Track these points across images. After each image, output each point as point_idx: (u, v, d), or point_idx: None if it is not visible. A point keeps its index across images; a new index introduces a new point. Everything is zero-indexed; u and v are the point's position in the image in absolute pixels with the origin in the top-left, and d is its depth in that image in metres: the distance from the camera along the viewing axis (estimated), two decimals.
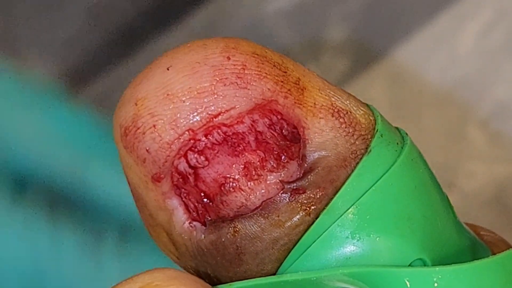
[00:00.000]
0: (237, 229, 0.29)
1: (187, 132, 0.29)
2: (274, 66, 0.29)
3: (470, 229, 0.33)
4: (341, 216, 0.28)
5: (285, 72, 0.30)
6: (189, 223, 0.30)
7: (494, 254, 0.33)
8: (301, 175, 0.29)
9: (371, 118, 0.30)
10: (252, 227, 0.29)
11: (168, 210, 0.30)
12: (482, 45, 0.77)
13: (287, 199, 0.29)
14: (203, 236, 0.30)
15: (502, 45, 0.77)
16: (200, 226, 0.30)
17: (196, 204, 0.30)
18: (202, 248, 0.30)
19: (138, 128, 0.29)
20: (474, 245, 0.31)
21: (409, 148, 0.30)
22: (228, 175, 0.30)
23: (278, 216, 0.29)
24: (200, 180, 0.30)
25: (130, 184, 0.31)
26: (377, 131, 0.30)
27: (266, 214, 0.29)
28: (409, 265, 0.28)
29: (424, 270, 0.28)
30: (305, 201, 0.29)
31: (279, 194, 0.29)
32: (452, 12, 0.79)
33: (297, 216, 0.29)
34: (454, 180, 0.64)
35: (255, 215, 0.29)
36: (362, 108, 0.30)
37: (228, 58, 0.29)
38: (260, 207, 0.29)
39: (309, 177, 0.29)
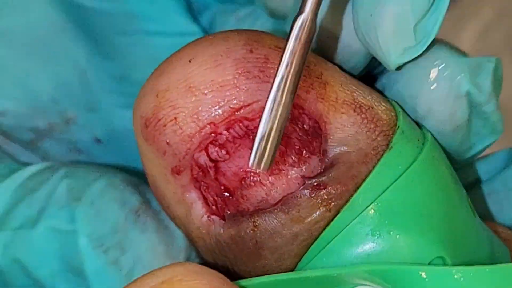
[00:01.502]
0: (257, 224, 0.29)
1: (208, 126, 0.28)
2: None
3: (488, 226, 0.33)
4: (361, 212, 0.28)
5: (308, 66, 0.29)
6: (208, 216, 0.30)
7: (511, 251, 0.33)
8: (322, 170, 0.29)
9: (392, 114, 0.30)
10: (272, 222, 0.28)
11: (186, 203, 0.30)
12: (482, 45, 0.77)
13: (307, 194, 0.28)
14: (222, 230, 0.29)
15: (502, 45, 0.77)
16: (218, 220, 0.30)
17: (216, 197, 0.30)
18: (220, 242, 0.30)
19: (159, 120, 0.29)
20: (492, 243, 0.31)
21: (430, 145, 0.30)
22: (249, 169, 0.29)
23: (298, 212, 0.28)
24: (221, 174, 0.30)
25: (149, 176, 0.31)
26: (398, 127, 0.30)
27: (286, 210, 0.28)
28: (429, 263, 0.28)
29: (444, 269, 0.27)
30: (326, 197, 0.28)
31: (300, 190, 0.29)
32: (452, 12, 0.79)
33: (318, 212, 0.28)
34: None
35: (275, 210, 0.29)
36: (384, 104, 0.30)
37: (251, 51, 0.29)
38: (281, 203, 0.29)
39: (330, 172, 0.29)
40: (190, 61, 0.29)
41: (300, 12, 0.26)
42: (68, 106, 0.38)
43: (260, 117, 0.26)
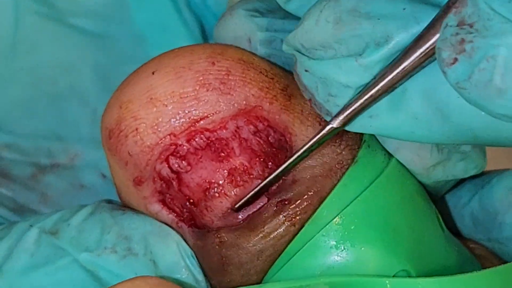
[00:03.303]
0: (223, 240, 0.29)
1: (168, 137, 0.29)
2: (260, 72, 0.30)
3: (461, 241, 0.33)
4: (325, 226, 0.28)
5: (272, 78, 0.30)
6: (176, 223, 0.30)
7: (484, 268, 0.33)
8: (287, 185, 0.29)
9: None
10: (237, 238, 0.29)
11: (151, 213, 0.30)
12: None
13: (272, 211, 0.28)
14: (191, 239, 0.30)
15: None
16: (187, 228, 0.30)
17: (181, 208, 0.30)
18: (193, 248, 0.30)
19: (121, 131, 0.29)
20: (461, 258, 0.31)
21: (397, 160, 0.30)
22: (213, 180, 0.29)
23: (263, 228, 0.28)
24: (184, 185, 0.30)
25: (116, 186, 0.31)
26: (364, 141, 0.30)
27: (252, 226, 0.29)
28: (393, 276, 0.28)
29: (407, 281, 0.27)
30: (290, 212, 0.28)
31: (265, 206, 0.29)
32: None
33: (283, 227, 0.28)
34: None
35: (241, 227, 0.29)
36: None
37: (213, 64, 0.29)
38: (246, 220, 0.29)
39: (294, 188, 0.29)
40: (153, 73, 0.29)
41: (333, 119, 0.27)
42: (74, 143, 0.38)
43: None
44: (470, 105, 0.23)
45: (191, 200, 0.30)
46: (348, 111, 0.26)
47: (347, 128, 0.27)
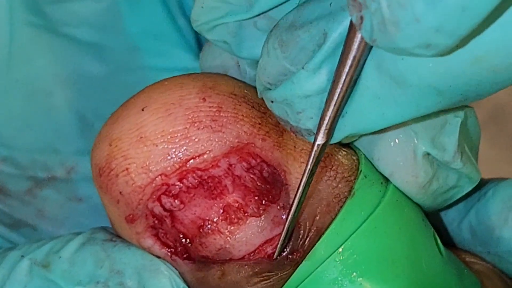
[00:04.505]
0: (225, 273, 0.29)
1: (159, 177, 0.28)
2: (253, 107, 0.29)
3: (460, 257, 0.33)
4: (323, 262, 0.28)
5: (265, 113, 0.29)
6: (170, 257, 0.30)
7: (484, 285, 0.33)
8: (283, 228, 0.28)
9: (354, 158, 0.30)
10: (239, 274, 0.28)
11: (144, 248, 0.30)
12: None
13: (274, 255, 0.28)
14: (186, 271, 0.30)
15: None
16: (181, 262, 0.30)
17: (175, 242, 0.30)
18: (187, 280, 0.30)
19: (112, 170, 0.29)
20: (461, 278, 0.31)
21: (393, 187, 0.29)
22: (207, 218, 0.29)
23: (267, 270, 0.28)
24: (178, 222, 0.29)
25: (109, 219, 0.31)
26: (360, 171, 0.29)
27: (254, 266, 0.28)
28: None
29: None
30: (292, 251, 0.28)
31: (266, 251, 0.29)
32: None
33: (284, 269, 0.28)
34: None
35: (244, 265, 0.28)
36: (344, 149, 0.29)
37: (204, 100, 0.28)
38: (251, 259, 0.29)
39: (293, 234, 0.28)
40: (143, 110, 0.28)
41: (316, 136, 0.26)
42: (70, 156, 0.37)
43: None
44: (415, 59, 0.22)
45: (186, 237, 0.29)
46: (325, 121, 0.25)
47: (332, 141, 0.26)
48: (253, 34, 0.29)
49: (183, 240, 0.29)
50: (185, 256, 0.30)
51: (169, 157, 0.28)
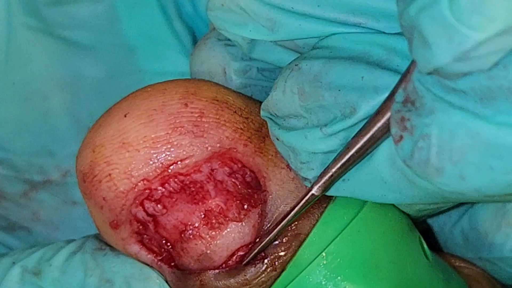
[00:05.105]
0: (204, 283, 0.29)
1: (142, 182, 0.29)
2: (235, 112, 0.29)
3: (448, 261, 0.33)
4: (307, 267, 0.28)
5: (247, 118, 0.29)
6: (156, 263, 0.30)
7: None
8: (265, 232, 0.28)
9: None
10: (218, 283, 0.28)
11: (130, 254, 0.30)
12: None
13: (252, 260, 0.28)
14: (171, 279, 0.30)
15: None
16: (167, 268, 0.30)
17: (160, 248, 0.30)
18: (171, 286, 0.30)
19: (95, 176, 0.29)
20: (449, 284, 0.31)
21: None
22: (189, 223, 0.29)
23: (245, 276, 0.28)
24: (161, 227, 0.30)
25: (95, 225, 0.31)
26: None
27: (233, 273, 0.28)
28: None
29: None
30: (271, 257, 0.28)
31: (239, 254, 0.29)
32: None
33: (264, 274, 0.28)
34: None
35: (223, 273, 0.28)
36: None
37: (186, 105, 0.29)
38: (228, 266, 0.29)
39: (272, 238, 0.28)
40: (125, 116, 0.29)
41: (312, 187, 0.27)
42: (65, 158, 0.38)
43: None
44: None
45: (168, 242, 0.30)
46: (325, 178, 0.26)
47: (325, 193, 0.27)
48: (266, 43, 0.29)
49: (166, 246, 0.30)
50: (172, 264, 0.30)
51: (151, 162, 0.28)
